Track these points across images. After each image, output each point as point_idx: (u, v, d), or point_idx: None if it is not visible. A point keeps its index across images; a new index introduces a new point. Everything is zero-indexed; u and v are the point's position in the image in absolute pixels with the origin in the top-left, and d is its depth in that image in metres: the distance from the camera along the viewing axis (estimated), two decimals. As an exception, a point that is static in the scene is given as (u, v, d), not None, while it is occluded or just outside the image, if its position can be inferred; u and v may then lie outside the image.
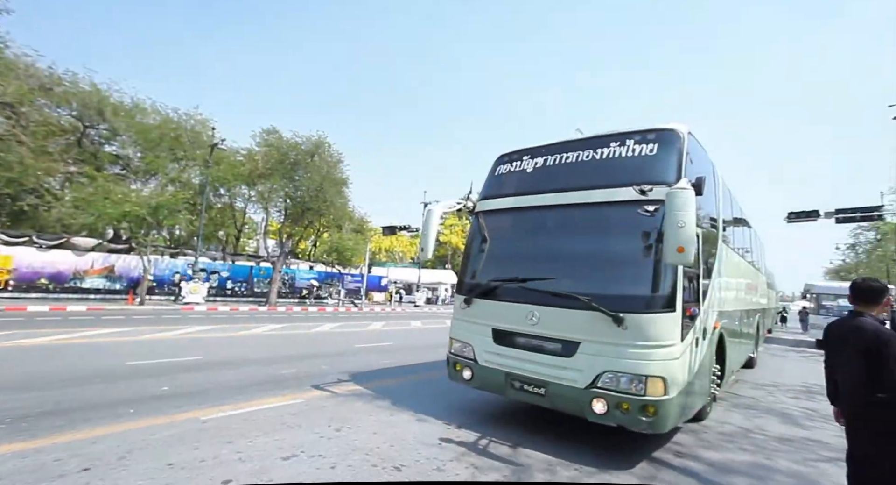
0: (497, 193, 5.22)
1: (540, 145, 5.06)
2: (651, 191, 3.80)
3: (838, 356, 2.85)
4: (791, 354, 13.61)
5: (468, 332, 4.88)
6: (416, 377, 7.18)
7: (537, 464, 3.80)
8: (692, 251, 3.29)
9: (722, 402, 6.40)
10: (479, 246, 5.23)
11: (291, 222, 24.65)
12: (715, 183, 5.46)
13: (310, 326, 14.54)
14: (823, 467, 4.14)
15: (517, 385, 4.34)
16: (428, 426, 4.64)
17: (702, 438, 4.76)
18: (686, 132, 4.18)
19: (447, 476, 3.43)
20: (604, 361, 3.80)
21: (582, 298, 3.91)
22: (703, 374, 4.55)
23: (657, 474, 3.75)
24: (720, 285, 5.42)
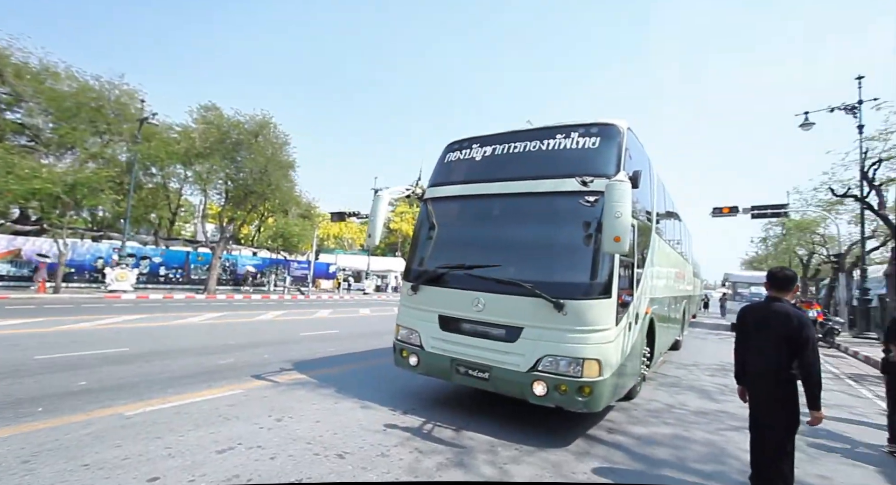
0: (446, 181, 5.22)
1: (489, 134, 5.11)
2: (592, 182, 3.97)
3: (756, 339, 3.09)
4: (711, 337, 14.96)
5: (415, 318, 4.89)
6: (363, 365, 7.11)
7: (480, 445, 3.91)
8: (628, 241, 3.48)
9: (650, 381, 6.91)
10: (427, 233, 5.22)
11: (233, 206, 23.27)
12: (650, 177, 5.81)
13: (252, 314, 13.92)
14: (730, 434, 4.62)
15: (462, 370, 4.42)
16: (373, 413, 4.63)
17: (631, 414, 5.13)
18: (626, 128, 4.39)
19: (391, 461, 3.45)
20: (545, 345, 3.96)
21: (525, 285, 4.04)
22: (634, 356, 4.88)
23: (591, 449, 3.99)
24: (652, 274, 5.82)
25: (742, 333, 3.26)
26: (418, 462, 3.48)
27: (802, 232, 25.07)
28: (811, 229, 24.28)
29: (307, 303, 21.02)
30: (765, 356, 3.02)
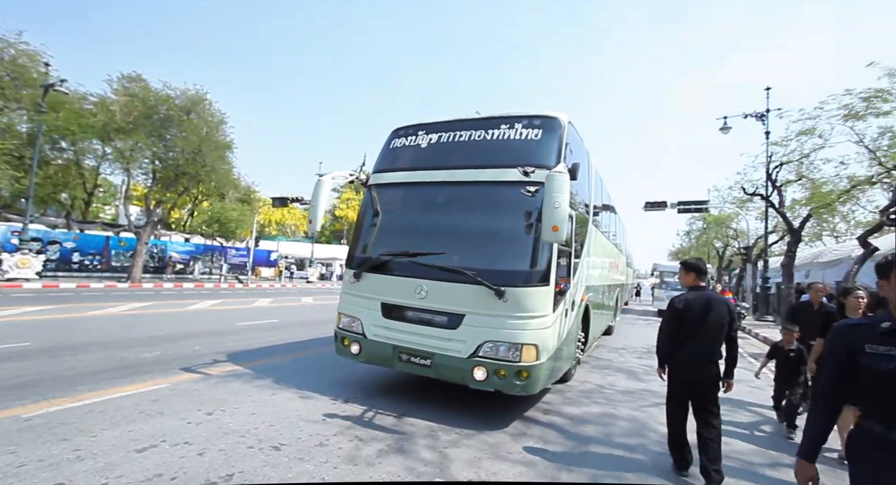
0: (391, 167, 5.14)
1: (435, 122, 5.08)
2: (533, 173, 4.09)
3: (701, 325, 3.27)
4: (640, 322, 16.17)
5: (357, 306, 4.81)
6: (304, 354, 6.91)
7: (420, 431, 3.96)
8: (565, 230, 3.63)
9: (584, 364, 7.35)
10: (370, 220, 5.13)
11: (162, 188, 21.37)
12: (588, 171, 6.09)
13: (183, 304, 12.99)
14: (651, 410, 5.03)
15: (404, 358, 4.42)
16: (312, 403, 4.52)
17: (566, 396, 5.42)
18: (567, 121, 4.55)
19: (329, 451, 3.39)
20: (485, 331, 4.06)
21: (468, 272, 4.10)
22: (570, 341, 5.14)
23: (527, 430, 4.17)
24: (589, 263, 6.14)
25: (684, 320, 3.33)
26: (358, 450, 3.46)
27: (719, 226, 27.69)
28: (726, 224, 26.88)
29: (245, 292, 19.99)
30: (708, 340, 3.30)
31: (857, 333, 1.69)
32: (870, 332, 1.65)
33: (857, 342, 1.66)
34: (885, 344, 1.60)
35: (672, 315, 3.40)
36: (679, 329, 3.35)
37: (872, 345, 1.62)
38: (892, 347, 1.60)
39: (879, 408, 1.63)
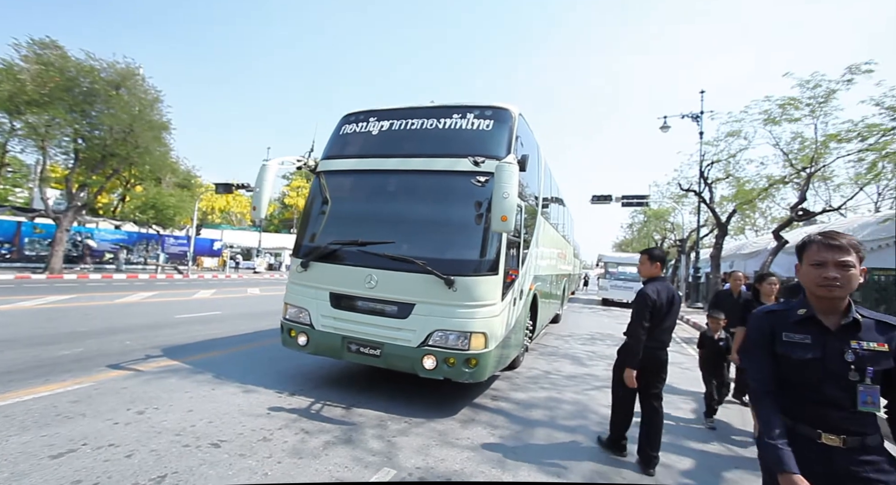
0: (340, 154, 4.99)
1: (387, 108, 4.98)
2: (483, 163, 4.12)
3: (667, 316, 3.36)
4: (585, 311, 16.97)
5: (304, 296, 4.66)
6: (248, 347, 6.62)
7: (369, 421, 3.93)
8: (514, 220, 3.70)
9: (532, 351, 7.61)
10: (319, 207, 4.97)
11: (86, 169, 19.41)
12: (538, 163, 6.24)
13: (113, 296, 11.99)
14: (593, 393, 5.31)
15: (354, 348, 4.36)
16: (256, 397, 4.35)
17: (514, 382, 5.59)
18: (517, 113, 4.62)
19: (274, 445, 3.29)
20: (435, 320, 4.08)
21: (418, 261, 4.09)
22: (518, 329, 5.29)
23: (476, 416, 4.26)
24: (537, 254, 6.32)
25: (657, 312, 3.33)
26: (304, 443, 3.38)
27: (658, 220, 29.55)
28: (665, 218, 28.73)
29: (185, 283, 18.79)
30: (669, 330, 3.45)
31: (775, 319, 1.61)
32: (786, 319, 1.58)
33: (775, 329, 1.58)
34: (800, 332, 1.53)
35: (647, 307, 3.30)
36: (653, 322, 3.32)
37: (788, 333, 1.55)
38: (807, 335, 1.52)
39: (788, 400, 1.55)
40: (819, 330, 1.52)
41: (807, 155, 12.58)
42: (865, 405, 1.45)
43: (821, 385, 1.49)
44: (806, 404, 1.52)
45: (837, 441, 1.47)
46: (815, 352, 1.50)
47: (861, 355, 1.46)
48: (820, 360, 1.49)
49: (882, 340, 1.47)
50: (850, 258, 1.48)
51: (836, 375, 1.47)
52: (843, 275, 1.47)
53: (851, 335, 1.48)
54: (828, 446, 1.48)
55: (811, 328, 1.53)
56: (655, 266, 3.52)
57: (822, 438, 1.49)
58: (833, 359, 1.48)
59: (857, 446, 1.46)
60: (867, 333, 1.48)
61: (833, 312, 1.53)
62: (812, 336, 1.52)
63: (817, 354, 1.50)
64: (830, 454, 1.48)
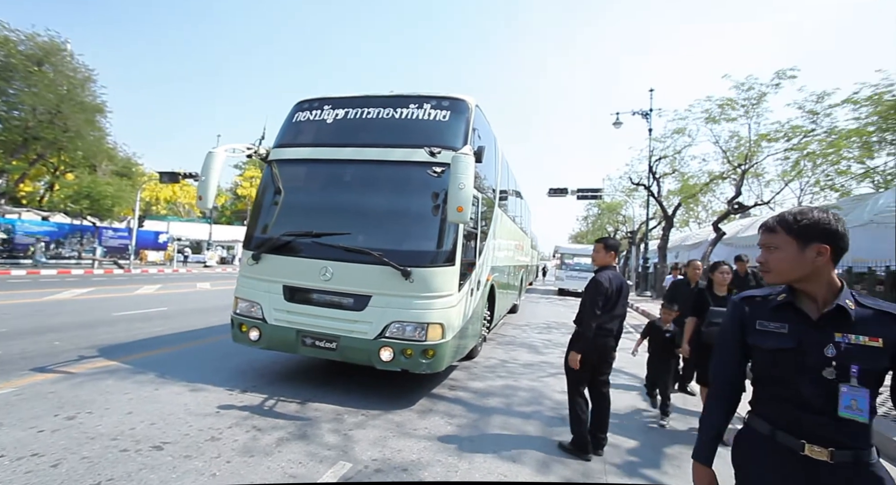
0: (294, 142, 4.83)
1: (342, 97, 4.87)
2: (439, 154, 4.12)
3: (618, 303, 3.46)
4: (542, 301, 17.48)
5: (256, 290, 4.50)
6: (197, 343, 6.31)
7: (325, 415, 3.87)
8: (469, 211, 3.73)
9: (490, 341, 7.75)
10: (271, 198, 4.79)
11: (5, 154, 17.62)
12: (496, 155, 6.31)
13: (39, 293, 11.00)
14: (548, 380, 5.50)
15: (309, 342, 4.26)
16: (205, 395, 4.16)
17: (472, 372, 5.68)
18: (474, 105, 4.64)
19: (223, 444, 3.16)
20: (392, 312, 4.06)
21: (374, 253, 4.04)
22: (475, 319, 5.37)
23: (433, 406, 4.29)
24: (494, 245, 6.42)
25: (609, 298, 3.41)
26: (255, 441, 3.28)
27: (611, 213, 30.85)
28: (617, 211, 30.04)
29: (127, 278, 17.57)
30: (619, 317, 3.53)
31: (752, 306, 1.39)
32: (764, 306, 1.37)
33: (749, 317, 1.38)
34: (776, 320, 1.32)
35: (601, 295, 3.35)
36: (602, 310, 3.37)
37: (763, 321, 1.34)
38: (784, 323, 1.30)
39: (763, 400, 1.35)
40: (798, 318, 1.29)
41: (742, 153, 13.52)
42: (848, 411, 1.19)
43: (795, 382, 1.26)
44: (783, 406, 1.29)
45: (824, 455, 1.21)
46: (788, 342, 1.27)
47: (845, 350, 1.21)
48: (793, 351, 1.26)
49: (877, 333, 1.20)
50: (774, 239, 1.31)
51: (812, 370, 1.23)
52: (767, 258, 1.33)
53: (837, 326, 1.23)
54: (812, 460, 1.23)
55: (789, 316, 1.30)
56: (610, 255, 3.58)
57: (806, 450, 1.24)
58: (810, 352, 1.24)
59: (849, 462, 1.20)
60: (860, 326, 1.22)
61: (816, 299, 1.29)
62: (790, 325, 1.29)
63: (790, 344, 1.27)
64: (817, 472, 1.22)
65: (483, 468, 3.10)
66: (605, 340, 3.48)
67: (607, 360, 3.56)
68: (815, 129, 11.78)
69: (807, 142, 11.95)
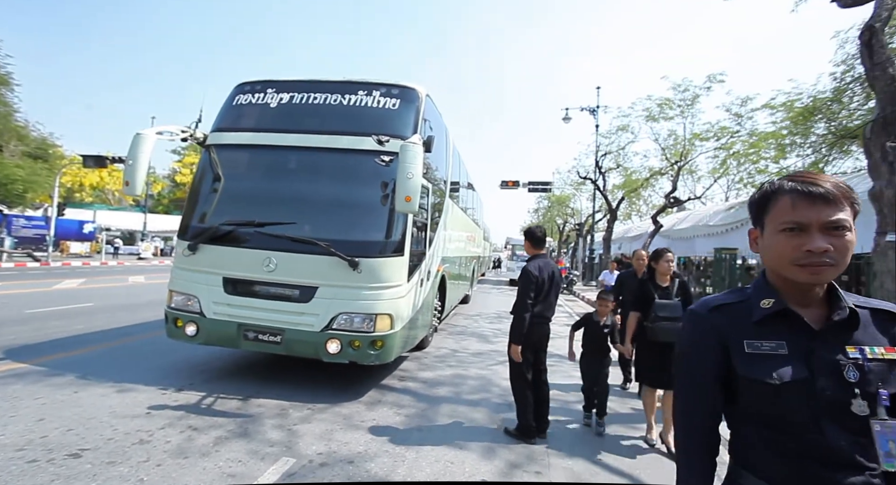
0: (234, 126, 4.57)
1: (287, 80, 4.65)
2: (388, 142, 4.05)
3: (549, 291, 3.53)
4: (494, 292, 17.86)
5: (193, 282, 4.24)
6: (127, 341, 5.86)
7: (269, 411, 3.74)
8: (418, 201, 3.71)
9: (441, 331, 7.81)
10: (209, 185, 4.51)
11: None
12: (447, 146, 6.32)
13: (-65, 290, 9.72)
14: (497, 368, 5.64)
15: (251, 336, 4.09)
16: (134, 396, 3.88)
17: (422, 362, 5.70)
18: (425, 94, 4.60)
19: (153, 446, 2.96)
20: (339, 303, 3.98)
21: (321, 243, 3.93)
22: (426, 309, 5.38)
23: (382, 398, 4.27)
24: (445, 236, 6.45)
25: (540, 287, 3.47)
26: (191, 441, 3.10)
27: (561, 205, 31.99)
28: (566, 203, 31.19)
29: (43, 272, 15.93)
30: (552, 304, 3.62)
31: (727, 319, 0.96)
32: (745, 316, 0.95)
33: (728, 335, 0.94)
34: (768, 337, 0.91)
35: (532, 284, 3.41)
36: (536, 297, 3.45)
37: (751, 340, 0.92)
38: (780, 340, 0.90)
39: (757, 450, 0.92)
40: (798, 331, 0.90)
41: (678, 150, 14.47)
42: (892, 460, 0.81)
43: (815, 426, 0.85)
44: (794, 462, 0.87)
45: None
46: (797, 368, 0.87)
47: (868, 370, 0.86)
48: (807, 382, 0.86)
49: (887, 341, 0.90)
50: (843, 215, 0.87)
51: (836, 407, 0.85)
52: (837, 243, 0.86)
53: (846, 337, 0.89)
54: None
55: (784, 329, 0.91)
56: (537, 245, 3.70)
57: None
58: (826, 378, 0.86)
59: None
60: (865, 333, 0.90)
61: (813, 301, 0.92)
62: (789, 342, 0.90)
63: (801, 374, 0.87)
64: None
65: (430, 457, 3.13)
66: (543, 327, 3.59)
67: (544, 347, 3.68)
68: (740, 130, 12.85)
69: (732, 142, 13.00)
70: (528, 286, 3.43)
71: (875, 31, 4.90)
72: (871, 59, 4.89)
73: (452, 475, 2.91)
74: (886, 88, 4.75)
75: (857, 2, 5.36)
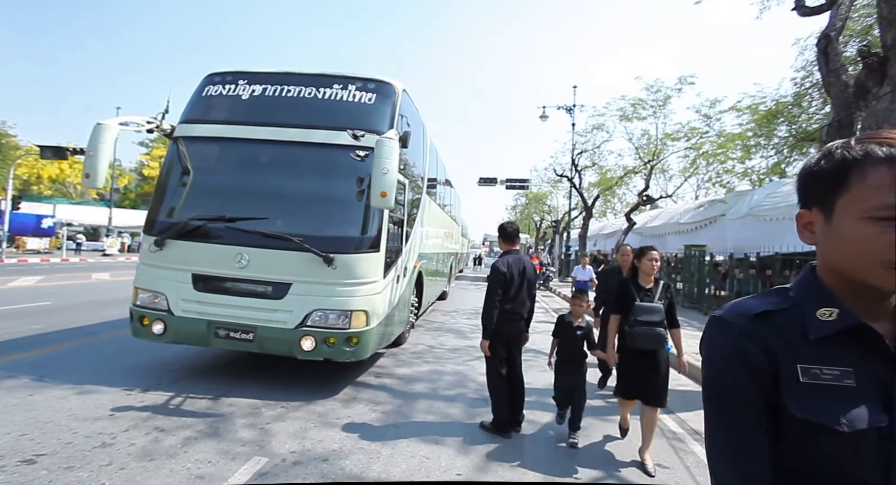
0: (204, 118, 4.42)
1: (260, 72, 4.54)
2: (363, 137, 4.00)
3: (519, 285, 3.56)
4: (471, 288, 17.95)
5: (160, 279, 4.10)
6: (89, 340, 5.63)
7: (240, 410, 3.65)
8: (394, 196, 3.68)
9: (419, 327, 7.80)
10: (178, 178, 4.36)
11: None
12: (424, 142, 6.29)
13: None
14: (473, 363, 5.66)
15: (222, 333, 3.99)
16: (96, 398, 3.72)
17: (399, 358, 5.68)
18: (402, 89, 4.56)
19: (115, 450, 2.85)
20: (314, 300, 3.92)
21: (295, 239, 3.86)
22: (402, 306, 5.36)
23: (358, 394, 4.24)
24: (423, 232, 6.43)
25: (509, 282, 3.49)
26: (157, 443, 3.00)
27: (538, 203, 32.40)
28: (543, 201, 31.61)
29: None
30: (525, 298, 3.62)
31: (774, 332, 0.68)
32: (798, 328, 0.68)
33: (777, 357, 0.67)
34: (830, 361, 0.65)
35: (500, 279, 3.45)
36: (505, 292, 3.48)
37: (808, 364, 0.65)
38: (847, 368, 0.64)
39: None
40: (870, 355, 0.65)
41: (650, 150, 14.86)
42: None
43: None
44: None
45: None
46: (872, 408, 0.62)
47: None
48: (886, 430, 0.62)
49: None
50: None
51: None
52: None
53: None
54: None
55: (850, 351, 0.66)
56: (510, 241, 3.76)
57: None
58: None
59: None
60: None
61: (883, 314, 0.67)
62: (856, 370, 0.64)
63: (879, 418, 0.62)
64: None
65: (406, 452, 3.12)
66: (516, 325, 3.61)
67: (518, 342, 3.70)
68: (709, 131, 13.30)
69: (702, 142, 13.45)
70: (497, 282, 3.46)
71: (830, 40, 5.14)
72: (827, 66, 5.14)
73: (428, 471, 2.91)
74: (840, 94, 5.01)
75: (815, 11, 5.62)
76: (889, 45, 4.56)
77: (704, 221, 13.18)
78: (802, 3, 5.70)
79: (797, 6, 5.70)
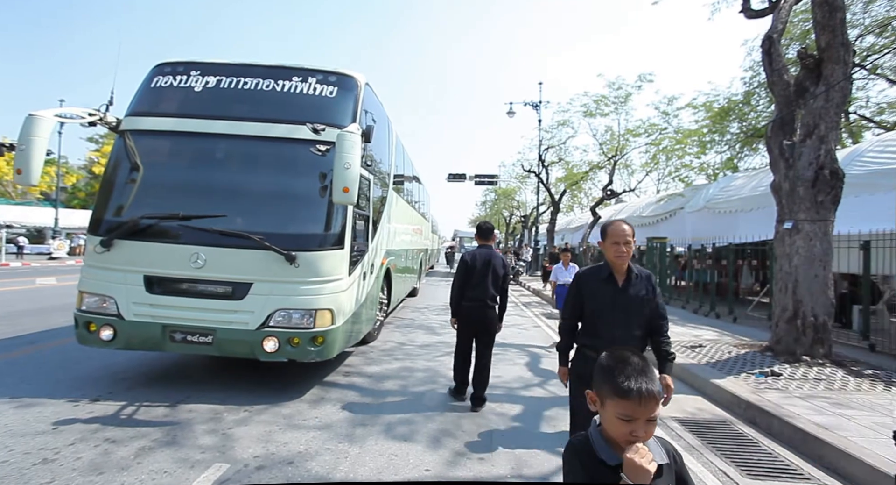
0: (153, 111, 4.19)
1: (214, 62, 4.33)
2: (324, 131, 3.90)
3: (482, 275, 3.96)
4: (442, 283, 17.97)
5: (108, 282, 3.86)
6: (28, 350, 5.23)
7: (200, 416, 3.50)
8: (356, 192, 3.61)
9: (388, 325, 7.73)
10: (126, 174, 4.12)
11: None
12: (389, 136, 6.20)
13: None
14: (443, 359, 5.66)
15: (179, 337, 3.81)
16: (37, 411, 3.47)
17: (368, 357, 5.61)
18: (364, 82, 4.46)
19: (59, 465, 2.67)
20: (276, 299, 3.80)
21: (254, 236, 3.72)
22: (370, 303, 5.28)
23: (326, 395, 4.14)
24: (390, 228, 6.36)
25: (473, 271, 3.96)
26: (107, 455, 2.83)
27: (507, 198, 32.75)
28: (512, 196, 31.99)
29: (-74, 276, 13.81)
30: (489, 287, 3.96)
31: None
32: None
33: None
34: None
35: (463, 267, 3.98)
36: (468, 280, 3.93)
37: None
38: None
39: None
40: None
41: (614, 145, 15.30)
42: None
43: None
44: None
45: None
46: None
47: None
48: None
49: None
50: None
51: None
52: None
53: None
54: None
55: None
56: (484, 237, 4.17)
57: None
58: None
59: None
60: None
61: None
62: None
63: None
64: None
65: (374, 451, 3.08)
66: (481, 308, 3.96)
67: (484, 324, 4.03)
68: (668, 127, 13.82)
69: (661, 138, 13.97)
70: (459, 270, 4.01)
71: (773, 42, 5.43)
72: (771, 67, 5.43)
73: (397, 468, 2.89)
74: (783, 92, 5.30)
75: (760, 14, 5.92)
76: (823, 48, 4.87)
77: (665, 214, 13.71)
78: (748, 6, 6.00)
79: (744, 9, 6.00)
